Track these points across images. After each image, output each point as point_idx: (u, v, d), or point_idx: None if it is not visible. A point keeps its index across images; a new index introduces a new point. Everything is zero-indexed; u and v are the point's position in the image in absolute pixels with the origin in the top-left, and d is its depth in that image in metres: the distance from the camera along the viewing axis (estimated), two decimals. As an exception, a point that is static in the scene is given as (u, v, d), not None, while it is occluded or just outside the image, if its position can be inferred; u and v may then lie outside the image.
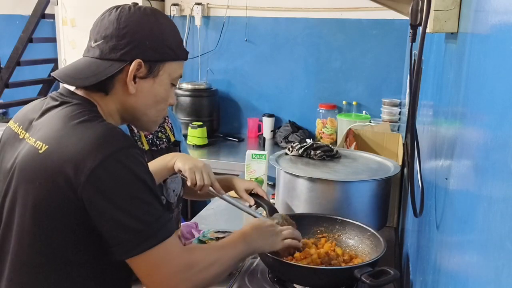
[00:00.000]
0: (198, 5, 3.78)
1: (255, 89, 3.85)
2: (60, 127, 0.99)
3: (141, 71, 1.05)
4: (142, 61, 1.04)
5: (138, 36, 1.04)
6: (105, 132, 0.98)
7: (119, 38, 1.03)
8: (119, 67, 1.03)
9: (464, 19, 0.86)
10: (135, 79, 1.05)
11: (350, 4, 3.50)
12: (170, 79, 1.11)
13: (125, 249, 0.96)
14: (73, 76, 1.06)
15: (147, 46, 1.04)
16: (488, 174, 0.56)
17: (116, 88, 1.06)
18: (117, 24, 1.03)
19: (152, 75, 1.07)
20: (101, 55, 1.04)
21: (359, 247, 1.37)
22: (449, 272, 0.75)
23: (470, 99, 0.73)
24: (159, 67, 1.07)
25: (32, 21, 4.24)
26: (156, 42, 1.06)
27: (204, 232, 1.75)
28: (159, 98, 1.11)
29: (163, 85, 1.10)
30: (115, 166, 0.94)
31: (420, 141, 1.17)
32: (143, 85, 1.07)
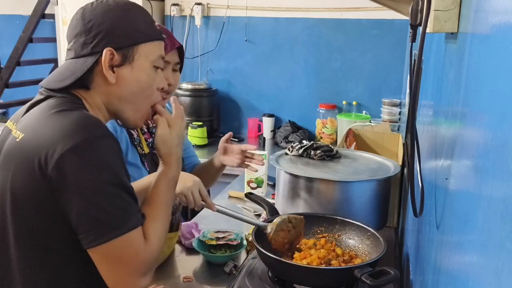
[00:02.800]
0: (198, 5, 3.78)
1: (255, 89, 3.85)
2: (38, 117, 1.02)
3: (115, 60, 1.05)
4: (113, 49, 1.04)
5: (104, 26, 1.05)
6: (79, 119, 0.98)
7: (86, 33, 1.05)
8: (93, 61, 1.04)
9: (464, 19, 0.86)
10: (113, 68, 1.06)
11: (350, 4, 3.51)
12: (149, 61, 1.09)
13: (88, 239, 0.95)
14: (55, 80, 1.08)
15: (115, 33, 1.05)
16: (488, 174, 0.56)
17: (96, 81, 1.07)
18: (82, 21, 1.06)
19: (128, 61, 1.06)
20: (76, 54, 1.07)
21: (359, 247, 1.37)
22: (449, 272, 0.75)
23: (470, 99, 0.73)
24: (133, 52, 1.07)
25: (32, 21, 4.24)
26: (123, 28, 1.06)
27: (204, 232, 1.75)
28: (143, 84, 1.09)
29: (143, 69, 1.09)
30: (84, 153, 0.94)
31: (420, 141, 1.17)
32: (122, 72, 1.06)
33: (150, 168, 1.51)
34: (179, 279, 1.56)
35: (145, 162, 1.50)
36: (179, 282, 1.54)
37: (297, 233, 1.37)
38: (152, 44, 1.10)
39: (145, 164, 1.50)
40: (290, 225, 1.35)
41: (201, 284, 1.54)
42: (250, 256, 1.45)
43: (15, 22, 4.54)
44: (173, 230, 1.65)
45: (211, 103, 3.75)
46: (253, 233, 1.33)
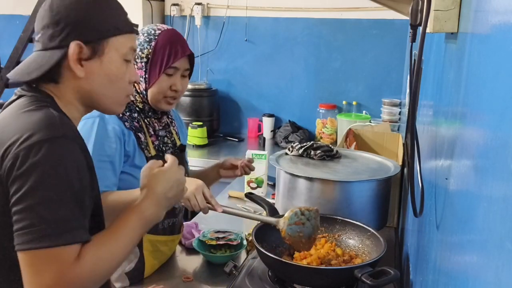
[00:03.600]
0: (198, 5, 3.78)
1: (255, 89, 3.85)
2: (7, 116, 1.00)
3: (84, 53, 1.03)
4: (81, 42, 1.02)
5: (72, 18, 1.02)
6: (41, 119, 0.96)
7: (54, 25, 1.02)
8: (60, 54, 1.02)
9: (464, 19, 0.86)
10: (81, 62, 1.03)
11: (350, 4, 3.51)
12: (119, 55, 1.07)
13: (18, 239, 0.90)
14: (23, 72, 1.05)
15: (84, 26, 1.02)
16: (488, 174, 0.56)
17: (65, 75, 1.05)
18: (50, 12, 1.03)
19: (97, 54, 1.04)
20: (44, 46, 1.04)
21: (359, 247, 1.37)
22: (449, 272, 0.75)
23: (470, 99, 0.73)
24: (103, 45, 1.04)
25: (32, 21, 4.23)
26: (93, 21, 1.03)
27: (204, 232, 1.75)
28: (113, 77, 1.07)
29: (113, 62, 1.06)
30: (38, 153, 0.91)
31: (420, 141, 1.17)
32: (92, 66, 1.04)
33: None
34: (179, 279, 1.56)
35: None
36: (179, 282, 1.54)
37: (314, 226, 1.33)
38: (123, 37, 1.07)
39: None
40: (304, 217, 1.32)
41: (201, 284, 1.54)
42: (250, 256, 1.45)
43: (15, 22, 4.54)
44: (175, 232, 1.65)
45: (211, 103, 3.75)
46: (253, 233, 1.33)
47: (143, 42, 1.50)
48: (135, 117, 1.50)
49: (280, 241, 1.40)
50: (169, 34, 1.53)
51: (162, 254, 1.61)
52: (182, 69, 1.54)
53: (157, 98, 1.52)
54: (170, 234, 1.61)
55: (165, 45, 1.49)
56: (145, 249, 1.53)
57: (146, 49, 1.49)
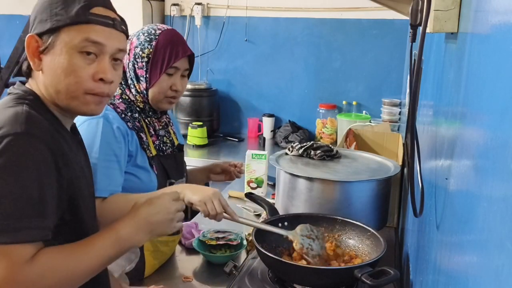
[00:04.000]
0: (198, 5, 3.78)
1: (255, 89, 3.85)
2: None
3: (40, 46, 1.02)
4: (36, 35, 1.01)
5: (34, 14, 1.05)
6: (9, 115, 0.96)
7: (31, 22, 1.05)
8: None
9: (464, 19, 0.86)
10: (40, 55, 1.02)
11: (350, 4, 3.51)
12: (70, 46, 1.01)
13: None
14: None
15: (38, 20, 1.03)
16: (488, 174, 0.56)
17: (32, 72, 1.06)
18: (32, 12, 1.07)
19: (50, 47, 1.01)
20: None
21: (359, 247, 1.37)
22: (449, 272, 0.75)
23: (470, 99, 0.73)
24: (54, 38, 1.01)
25: (32, 21, 4.23)
26: (45, 13, 1.02)
27: (204, 232, 1.75)
28: (64, 70, 1.01)
29: (63, 54, 1.01)
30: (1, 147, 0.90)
31: (420, 141, 1.17)
32: (46, 60, 1.02)
33: (158, 170, 1.51)
34: (179, 279, 1.56)
35: (153, 165, 1.50)
36: (179, 282, 1.54)
37: (321, 245, 1.32)
38: (75, 28, 1.02)
39: (153, 167, 1.51)
40: (313, 233, 1.31)
41: (201, 284, 1.54)
42: (250, 256, 1.45)
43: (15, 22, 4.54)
44: (174, 233, 1.65)
45: (211, 103, 3.75)
46: (253, 233, 1.33)
47: (143, 42, 1.50)
48: (136, 117, 1.50)
49: (280, 241, 1.40)
50: (170, 34, 1.53)
51: (162, 254, 1.61)
52: (182, 69, 1.54)
53: (157, 98, 1.52)
54: (170, 234, 1.61)
55: (166, 45, 1.49)
56: (146, 249, 1.53)
57: (147, 48, 1.49)
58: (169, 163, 1.56)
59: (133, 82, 1.51)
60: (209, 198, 1.33)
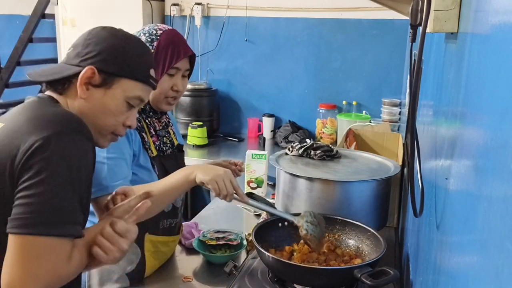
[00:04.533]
0: (198, 5, 3.78)
1: (255, 89, 3.85)
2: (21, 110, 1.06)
3: (94, 79, 1.09)
4: (96, 69, 1.08)
5: (99, 47, 1.10)
6: (59, 113, 1.02)
7: (83, 47, 1.11)
8: (75, 71, 1.09)
9: (464, 19, 0.86)
10: (88, 85, 1.09)
11: (350, 4, 3.51)
12: (124, 96, 1.12)
13: (13, 222, 0.91)
14: (38, 74, 1.14)
15: (105, 57, 1.10)
16: (488, 174, 0.56)
17: (70, 90, 1.11)
18: (87, 35, 1.13)
19: (105, 85, 1.10)
20: (67, 60, 1.13)
21: (359, 247, 1.37)
22: (449, 272, 0.75)
23: (470, 99, 0.73)
24: (113, 80, 1.11)
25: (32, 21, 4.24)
26: (115, 56, 1.11)
27: (204, 232, 1.75)
28: (107, 111, 1.12)
29: (115, 99, 1.11)
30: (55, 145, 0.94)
31: (420, 141, 1.17)
32: (95, 93, 1.10)
33: (159, 171, 1.51)
34: (179, 279, 1.56)
35: (154, 165, 1.50)
36: (179, 282, 1.54)
37: (322, 231, 1.36)
38: (135, 83, 1.13)
39: (155, 167, 1.51)
40: (315, 220, 1.35)
41: (201, 284, 1.54)
42: (250, 256, 1.45)
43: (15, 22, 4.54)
44: (174, 233, 1.65)
45: (211, 103, 3.75)
46: (253, 233, 1.33)
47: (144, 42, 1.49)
48: (137, 117, 1.50)
49: (280, 241, 1.40)
50: (171, 34, 1.53)
51: (162, 254, 1.61)
52: (183, 70, 1.54)
53: (158, 98, 1.53)
54: (170, 235, 1.62)
55: (167, 45, 1.49)
56: (147, 250, 1.53)
57: None
58: (169, 163, 1.56)
59: None
60: (220, 178, 1.34)
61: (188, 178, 1.36)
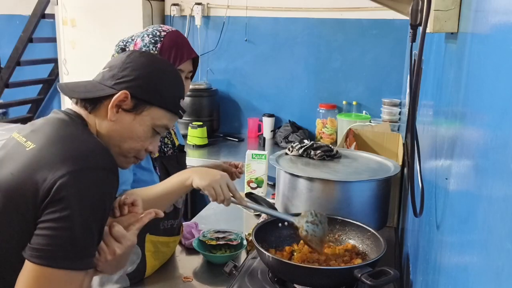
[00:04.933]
0: (198, 5, 3.78)
1: (255, 89, 3.85)
2: (50, 131, 1.05)
3: (126, 104, 1.10)
4: (129, 94, 1.09)
5: (136, 73, 1.12)
6: (87, 144, 1.02)
7: (120, 69, 1.12)
8: (108, 93, 1.10)
9: (464, 19, 0.86)
10: (119, 109, 1.10)
11: (350, 4, 3.51)
12: (152, 123, 1.14)
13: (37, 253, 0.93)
14: (71, 89, 1.14)
15: (140, 84, 1.11)
16: (488, 174, 0.56)
17: (100, 110, 1.11)
18: (125, 59, 1.14)
19: (135, 111, 1.11)
20: (101, 80, 1.14)
21: (359, 247, 1.37)
22: (449, 272, 0.75)
23: (470, 99, 0.73)
24: (144, 107, 1.12)
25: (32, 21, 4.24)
26: (149, 84, 1.12)
27: (204, 232, 1.75)
28: (134, 136, 1.13)
29: (143, 125, 1.13)
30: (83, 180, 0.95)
31: (420, 141, 1.17)
32: (124, 117, 1.11)
33: (161, 171, 1.51)
34: (179, 279, 1.56)
35: (156, 167, 1.50)
36: (179, 282, 1.54)
37: (324, 229, 1.36)
38: (164, 112, 1.15)
39: (156, 168, 1.50)
40: (317, 218, 1.34)
41: (201, 284, 1.54)
42: (250, 256, 1.45)
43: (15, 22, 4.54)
44: (175, 233, 1.65)
45: (211, 103, 3.75)
46: (253, 233, 1.33)
47: (148, 44, 1.49)
48: None
49: (280, 241, 1.40)
50: (175, 36, 1.52)
51: (163, 254, 1.61)
52: (186, 71, 1.54)
53: None
54: (170, 235, 1.62)
55: (171, 47, 1.49)
56: (147, 250, 1.53)
57: (152, 50, 1.48)
58: (171, 164, 1.56)
59: None
60: (217, 183, 1.34)
61: (185, 183, 1.35)
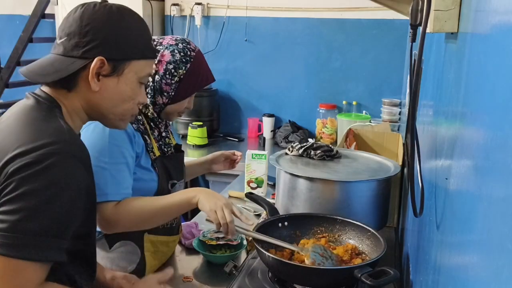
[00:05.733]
0: (198, 5, 3.78)
1: (255, 89, 3.85)
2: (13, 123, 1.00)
3: (104, 69, 1.04)
4: (105, 59, 1.03)
5: (101, 34, 1.03)
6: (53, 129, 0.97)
7: (81, 35, 1.03)
8: (81, 65, 1.02)
9: (464, 19, 0.86)
10: (99, 76, 1.04)
11: (350, 4, 3.51)
12: (137, 77, 1.10)
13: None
14: (37, 72, 1.06)
15: (111, 44, 1.04)
16: (488, 174, 0.56)
17: (79, 85, 1.05)
18: (80, 22, 1.03)
19: (116, 73, 1.06)
20: (65, 52, 1.04)
21: (359, 247, 1.37)
22: (449, 272, 0.75)
23: (470, 99, 0.73)
24: (124, 66, 1.06)
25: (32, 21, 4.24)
26: (120, 40, 1.05)
27: (204, 232, 1.75)
28: (125, 97, 1.09)
29: (129, 83, 1.09)
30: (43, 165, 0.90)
31: (420, 141, 1.17)
32: (108, 83, 1.06)
33: (160, 171, 1.51)
34: (179, 279, 1.56)
35: (155, 166, 1.51)
36: (179, 282, 1.54)
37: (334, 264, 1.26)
38: (144, 62, 1.10)
39: (155, 167, 1.51)
40: (327, 253, 1.26)
41: (201, 284, 1.54)
42: (250, 256, 1.45)
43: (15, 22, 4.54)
44: (174, 233, 1.65)
45: (211, 103, 3.75)
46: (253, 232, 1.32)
47: (179, 61, 1.51)
48: (139, 119, 1.49)
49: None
50: (201, 58, 1.59)
51: (162, 254, 1.61)
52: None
53: (173, 113, 1.57)
54: (170, 235, 1.62)
55: (199, 70, 1.55)
56: (146, 250, 1.53)
57: (181, 69, 1.51)
58: (171, 164, 1.56)
59: (153, 92, 1.51)
60: (219, 207, 1.32)
61: (190, 201, 1.35)
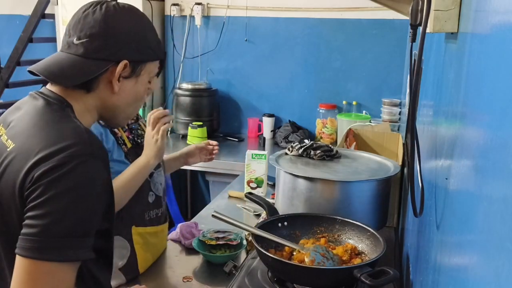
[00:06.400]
0: (198, 5, 3.78)
1: (255, 89, 3.85)
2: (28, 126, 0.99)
3: (125, 71, 1.07)
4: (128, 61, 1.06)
5: (124, 37, 1.05)
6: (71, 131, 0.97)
7: (106, 38, 1.03)
8: (105, 67, 1.03)
9: (464, 19, 0.86)
10: (119, 78, 1.06)
11: (350, 4, 3.50)
12: (149, 77, 1.14)
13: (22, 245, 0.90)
14: (57, 74, 1.04)
15: (133, 47, 1.07)
16: (488, 174, 0.56)
17: (99, 87, 1.06)
18: (104, 24, 1.03)
19: (135, 74, 1.09)
20: (86, 53, 1.03)
21: (359, 247, 1.37)
22: (449, 272, 0.75)
23: (470, 99, 0.73)
24: (141, 67, 1.10)
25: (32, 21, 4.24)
26: (140, 43, 1.09)
27: (204, 232, 1.75)
28: (139, 97, 1.14)
29: (143, 84, 1.13)
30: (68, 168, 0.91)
31: (420, 141, 1.17)
32: (126, 84, 1.09)
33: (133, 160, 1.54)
34: (179, 279, 1.56)
35: (129, 158, 1.53)
36: (179, 282, 1.54)
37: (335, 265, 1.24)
38: (155, 62, 1.15)
39: (129, 159, 1.54)
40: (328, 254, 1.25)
41: (201, 284, 1.54)
42: (250, 256, 1.45)
43: (15, 22, 4.54)
44: (161, 222, 1.66)
45: (211, 103, 3.75)
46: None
47: None
48: None
49: (280, 241, 1.40)
50: None
51: (153, 246, 1.62)
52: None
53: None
54: (157, 224, 1.63)
55: None
56: (136, 243, 1.54)
57: None
58: None
59: None
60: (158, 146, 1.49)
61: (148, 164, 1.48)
